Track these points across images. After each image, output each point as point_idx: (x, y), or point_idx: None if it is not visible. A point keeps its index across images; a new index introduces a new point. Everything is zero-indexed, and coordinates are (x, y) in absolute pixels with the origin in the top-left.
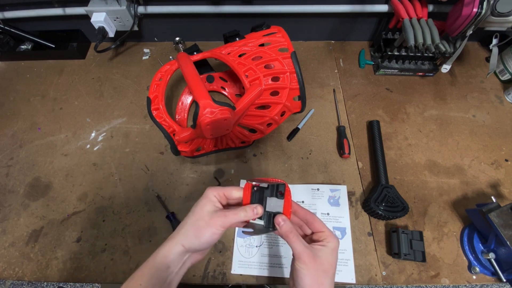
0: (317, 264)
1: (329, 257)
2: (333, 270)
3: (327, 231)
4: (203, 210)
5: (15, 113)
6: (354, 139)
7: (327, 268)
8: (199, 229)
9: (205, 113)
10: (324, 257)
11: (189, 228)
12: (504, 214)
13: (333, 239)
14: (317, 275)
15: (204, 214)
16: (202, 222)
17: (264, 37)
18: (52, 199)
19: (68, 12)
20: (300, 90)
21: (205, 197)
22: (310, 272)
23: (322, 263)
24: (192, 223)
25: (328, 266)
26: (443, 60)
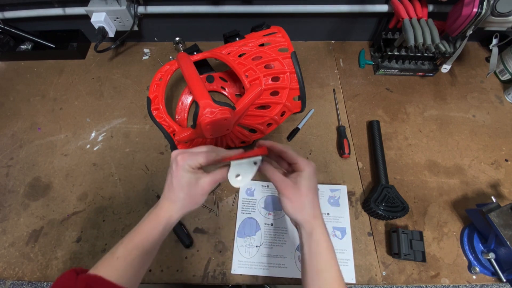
0: (295, 191)
1: (306, 182)
2: (311, 193)
3: (300, 160)
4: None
5: (15, 113)
6: (354, 139)
7: (305, 192)
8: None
9: (205, 113)
10: (301, 183)
11: (184, 201)
12: (504, 214)
13: (307, 166)
14: (297, 200)
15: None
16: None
17: (264, 37)
18: (52, 199)
19: (68, 12)
20: (300, 90)
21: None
22: (289, 199)
23: (300, 189)
24: (186, 196)
25: (306, 190)
26: (443, 60)
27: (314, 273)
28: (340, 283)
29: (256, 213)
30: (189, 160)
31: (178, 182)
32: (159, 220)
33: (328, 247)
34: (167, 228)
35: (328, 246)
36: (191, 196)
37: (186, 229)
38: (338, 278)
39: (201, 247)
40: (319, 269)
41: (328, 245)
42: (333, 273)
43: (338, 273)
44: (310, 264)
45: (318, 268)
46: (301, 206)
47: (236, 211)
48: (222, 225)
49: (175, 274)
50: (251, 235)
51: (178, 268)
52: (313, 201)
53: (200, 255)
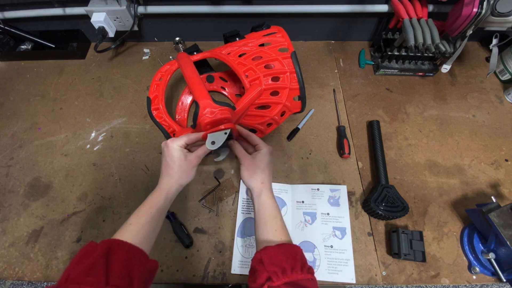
0: (251, 162)
1: (261, 157)
2: (263, 165)
3: (260, 143)
4: (180, 159)
5: (15, 113)
6: (354, 139)
7: (258, 164)
8: (187, 171)
9: (205, 113)
10: (257, 157)
11: (179, 173)
12: (504, 214)
13: (264, 146)
14: (251, 168)
15: (182, 160)
16: (185, 166)
17: (264, 37)
18: (52, 199)
19: (68, 12)
20: (300, 90)
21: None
22: (246, 168)
23: (255, 161)
24: (179, 169)
25: (259, 163)
26: (443, 60)
27: (262, 224)
28: (282, 231)
29: None
30: (176, 141)
31: (171, 159)
32: (161, 192)
33: (273, 204)
34: (168, 198)
35: (272, 204)
36: (184, 170)
37: (186, 229)
38: (280, 227)
39: (201, 247)
40: (265, 221)
41: (273, 203)
42: (277, 222)
43: (281, 222)
44: (259, 218)
45: (265, 220)
46: (254, 173)
47: (236, 211)
48: (222, 225)
49: (175, 274)
50: (251, 235)
51: (178, 268)
52: (264, 171)
53: (200, 255)
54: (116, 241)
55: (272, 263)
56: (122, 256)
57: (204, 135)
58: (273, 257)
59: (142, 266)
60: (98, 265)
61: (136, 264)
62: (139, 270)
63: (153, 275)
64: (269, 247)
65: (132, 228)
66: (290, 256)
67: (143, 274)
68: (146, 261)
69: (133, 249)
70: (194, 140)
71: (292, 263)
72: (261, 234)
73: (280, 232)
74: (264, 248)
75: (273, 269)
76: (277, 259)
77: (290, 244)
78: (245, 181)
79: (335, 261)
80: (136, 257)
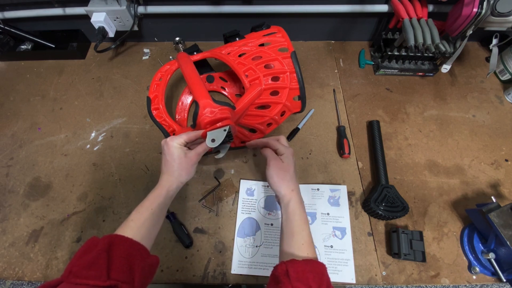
0: (280, 165)
1: (287, 161)
2: (292, 170)
3: (280, 146)
4: (179, 157)
5: (15, 113)
6: (354, 139)
7: (287, 168)
8: (187, 169)
9: (205, 112)
10: (286, 162)
11: (179, 170)
12: (504, 214)
13: (286, 150)
14: (281, 173)
15: (182, 158)
16: (185, 163)
17: (264, 37)
18: (52, 199)
19: (68, 12)
20: (300, 90)
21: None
22: (276, 171)
23: (284, 165)
24: (179, 167)
25: (288, 167)
26: (443, 60)
27: (289, 235)
28: (309, 246)
29: (256, 213)
30: (175, 139)
31: (171, 157)
32: (161, 189)
33: (301, 215)
34: (169, 195)
35: (301, 214)
36: (183, 168)
37: (186, 229)
38: (308, 239)
39: (201, 247)
40: (293, 232)
41: (301, 214)
42: (304, 236)
43: (308, 236)
44: (286, 228)
45: (292, 231)
46: (283, 179)
47: (236, 211)
48: (222, 225)
49: (175, 274)
50: (251, 235)
51: (178, 268)
52: (293, 177)
53: (200, 255)
54: (117, 236)
55: (299, 279)
56: (124, 251)
57: (204, 133)
58: (299, 273)
59: (143, 261)
60: (100, 260)
61: (137, 259)
62: (140, 265)
63: (154, 270)
64: (297, 261)
65: (133, 224)
66: (317, 275)
67: (144, 268)
68: (147, 256)
69: (134, 244)
70: (194, 138)
71: (319, 283)
72: (287, 245)
73: (307, 247)
74: (291, 261)
75: (299, 286)
76: (304, 276)
77: (317, 261)
78: (273, 185)
79: (335, 261)
80: (137, 252)
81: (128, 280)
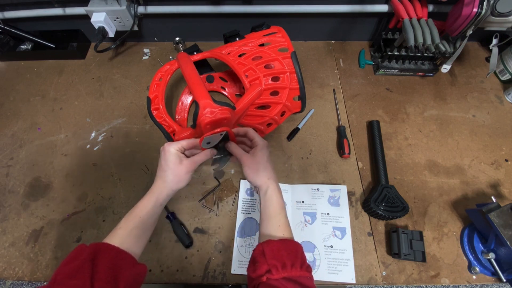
0: (252, 160)
1: (259, 153)
2: (264, 160)
3: (256, 137)
4: (174, 163)
5: (15, 113)
6: (354, 139)
7: (258, 160)
8: (180, 176)
9: (205, 113)
10: (256, 153)
11: (172, 177)
12: (504, 214)
13: (261, 141)
14: (253, 166)
15: (176, 164)
16: (178, 170)
17: (264, 37)
18: (52, 199)
19: (68, 12)
20: (300, 90)
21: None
22: (248, 167)
23: (255, 158)
24: (172, 173)
25: (259, 159)
26: (443, 60)
27: (266, 219)
28: (286, 227)
29: (256, 213)
30: (173, 145)
31: (165, 162)
32: (151, 196)
33: (278, 200)
34: (158, 202)
35: (277, 200)
36: (176, 174)
37: (186, 229)
38: (284, 221)
39: (201, 247)
40: (270, 216)
41: (278, 199)
42: (281, 219)
43: (285, 219)
44: (264, 214)
45: (269, 215)
46: (257, 170)
47: (236, 211)
48: (222, 225)
49: (175, 274)
50: (251, 235)
51: (178, 268)
52: (266, 166)
53: (200, 255)
54: (104, 245)
55: (274, 257)
56: (109, 261)
57: (201, 138)
58: (275, 251)
59: (128, 270)
60: (84, 269)
61: (123, 268)
62: (125, 274)
63: (141, 279)
64: (272, 241)
65: (121, 232)
66: (292, 252)
67: (129, 278)
68: (133, 265)
69: (121, 253)
70: (192, 146)
71: (292, 260)
72: (264, 228)
73: (283, 228)
74: (267, 241)
75: (274, 263)
76: (279, 254)
77: (292, 240)
78: (250, 180)
79: (335, 261)
80: (123, 261)
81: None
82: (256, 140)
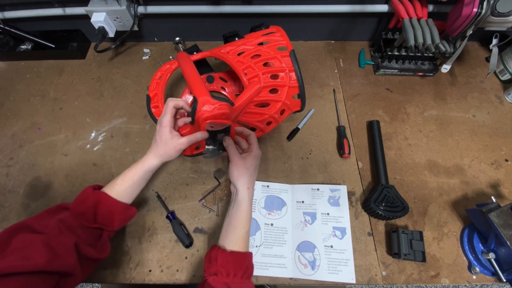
0: (241, 162)
1: (251, 160)
2: (252, 168)
3: (254, 144)
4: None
5: (15, 113)
6: (354, 139)
7: (248, 166)
8: (169, 151)
9: (204, 108)
10: (248, 159)
11: (162, 152)
12: (504, 214)
13: (256, 150)
14: (241, 168)
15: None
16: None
17: (263, 36)
18: (52, 199)
19: (68, 12)
20: (299, 88)
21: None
22: (236, 166)
23: (245, 162)
24: (164, 148)
25: (249, 165)
26: (443, 60)
27: (232, 226)
28: (244, 241)
29: (256, 213)
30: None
31: (159, 137)
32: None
33: (247, 214)
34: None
35: (247, 214)
36: (167, 149)
37: (186, 229)
38: (243, 238)
39: (201, 247)
40: (235, 226)
41: (248, 213)
42: (243, 233)
43: (246, 234)
44: (231, 219)
45: (235, 225)
46: (243, 174)
47: None
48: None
49: (175, 274)
50: (251, 235)
51: (178, 268)
52: (252, 175)
53: (200, 255)
54: (104, 196)
55: (223, 265)
56: (107, 208)
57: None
58: (225, 260)
59: (121, 214)
60: (89, 213)
61: (117, 212)
62: (119, 216)
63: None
64: (226, 251)
65: (117, 187)
66: (238, 264)
67: (121, 219)
68: (125, 210)
69: (116, 204)
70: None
71: (236, 270)
72: (226, 233)
73: (240, 242)
74: (222, 250)
75: (221, 270)
76: (227, 264)
77: (241, 253)
78: (232, 179)
79: (335, 261)
80: (117, 208)
81: (109, 224)
82: (254, 146)
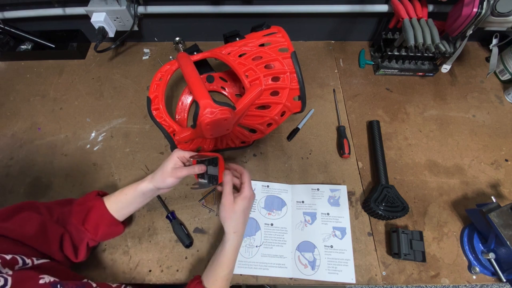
0: (230, 204)
1: (240, 202)
2: (240, 210)
3: (246, 183)
4: (168, 166)
5: (15, 113)
6: (354, 139)
7: (236, 209)
8: (165, 177)
9: (205, 113)
10: (238, 202)
11: (158, 176)
12: (504, 214)
13: (247, 192)
14: (228, 211)
15: (169, 168)
16: (166, 173)
17: (264, 37)
18: (52, 199)
19: (68, 12)
20: (300, 90)
21: (172, 158)
22: (225, 209)
23: (233, 206)
24: (161, 173)
25: (237, 208)
26: (443, 60)
27: (215, 265)
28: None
29: (256, 213)
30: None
31: (163, 163)
32: (141, 185)
33: (231, 257)
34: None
35: (231, 257)
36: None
37: (186, 229)
38: (224, 277)
39: (201, 247)
40: (218, 264)
41: (232, 257)
42: (223, 276)
43: (227, 275)
44: (216, 258)
45: (218, 264)
46: (229, 218)
47: None
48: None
49: (175, 274)
50: (251, 235)
51: (178, 268)
52: (238, 217)
53: (200, 255)
54: (98, 204)
55: None
56: (96, 216)
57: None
58: None
59: (106, 227)
60: (82, 214)
61: (102, 224)
62: (103, 228)
63: (114, 235)
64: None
65: (112, 199)
66: None
67: (105, 231)
68: (111, 224)
69: (104, 214)
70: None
71: None
72: (209, 270)
73: (219, 283)
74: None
75: None
76: None
77: None
78: (221, 220)
79: (335, 261)
80: (104, 219)
81: (94, 232)
82: (245, 187)
